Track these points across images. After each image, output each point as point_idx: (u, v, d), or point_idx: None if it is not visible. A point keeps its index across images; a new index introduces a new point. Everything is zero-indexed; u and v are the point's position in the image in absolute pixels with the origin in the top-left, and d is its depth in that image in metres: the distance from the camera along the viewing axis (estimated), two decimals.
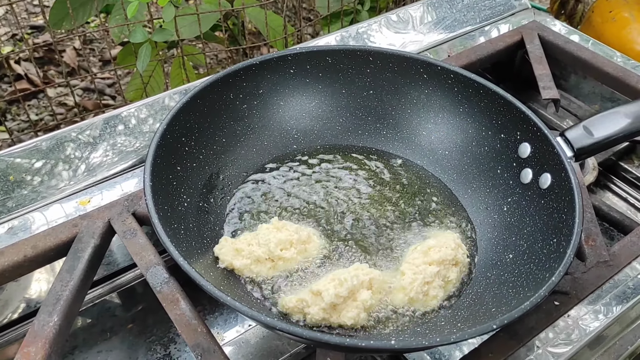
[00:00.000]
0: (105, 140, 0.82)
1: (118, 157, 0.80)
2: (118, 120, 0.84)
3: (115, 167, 0.79)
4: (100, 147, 0.81)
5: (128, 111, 0.84)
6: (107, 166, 0.79)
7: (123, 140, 0.82)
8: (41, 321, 0.57)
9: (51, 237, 0.66)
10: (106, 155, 0.80)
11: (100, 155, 0.81)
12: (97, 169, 0.78)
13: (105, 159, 0.80)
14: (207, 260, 0.61)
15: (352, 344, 0.45)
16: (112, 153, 0.80)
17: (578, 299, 0.63)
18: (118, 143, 0.82)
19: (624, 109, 0.62)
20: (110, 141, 0.81)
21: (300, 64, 0.75)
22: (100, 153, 0.81)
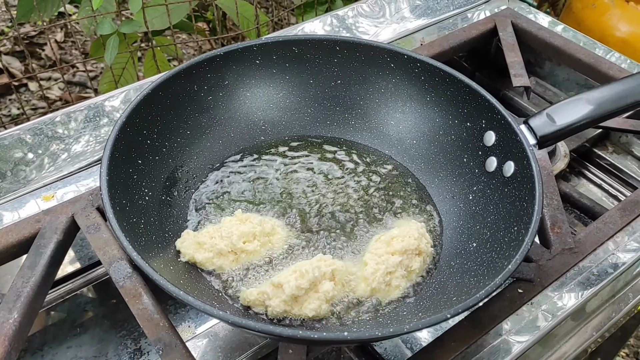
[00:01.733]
0: (72, 133, 0.81)
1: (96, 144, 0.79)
2: (85, 112, 0.83)
3: (91, 156, 0.79)
4: (66, 140, 0.80)
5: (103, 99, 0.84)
6: (81, 155, 0.78)
7: (90, 132, 0.81)
8: (1, 318, 0.57)
9: (13, 233, 0.65)
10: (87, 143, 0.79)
11: (66, 149, 0.80)
12: (61, 164, 0.78)
13: (80, 146, 0.79)
14: (168, 255, 0.61)
15: (305, 336, 0.45)
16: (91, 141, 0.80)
17: (542, 286, 0.63)
18: (84, 135, 0.81)
19: (587, 96, 0.62)
20: (77, 135, 0.80)
21: (266, 55, 0.74)
22: (67, 147, 0.80)
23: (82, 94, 2.16)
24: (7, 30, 2.36)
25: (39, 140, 0.80)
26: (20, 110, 2.11)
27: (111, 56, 0.90)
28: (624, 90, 0.61)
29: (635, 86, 0.62)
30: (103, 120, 0.83)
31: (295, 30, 0.99)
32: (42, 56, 2.28)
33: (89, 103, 0.84)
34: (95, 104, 0.84)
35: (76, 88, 2.17)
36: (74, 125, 0.81)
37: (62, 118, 0.82)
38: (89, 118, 0.83)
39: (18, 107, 2.12)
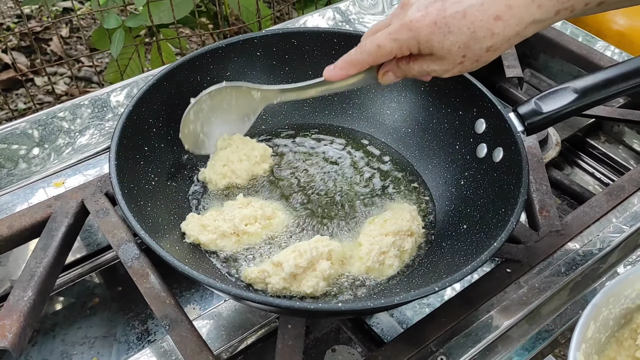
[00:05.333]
0: (85, 121, 0.84)
1: (100, 137, 0.82)
2: (97, 101, 0.87)
3: (94, 147, 0.82)
4: (80, 128, 0.84)
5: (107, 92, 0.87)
6: (85, 147, 0.81)
7: (101, 122, 0.85)
8: (16, 296, 0.60)
9: (26, 217, 0.68)
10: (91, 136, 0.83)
11: (79, 136, 0.83)
12: (76, 149, 0.81)
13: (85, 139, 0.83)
14: (173, 236, 0.64)
15: (301, 306, 0.48)
16: (95, 134, 0.83)
17: (530, 266, 0.66)
18: (97, 124, 0.84)
19: (573, 84, 0.65)
20: (90, 122, 0.84)
21: (266, 47, 0.77)
22: (80, 133, 0.83)
23: (87, 88, 2.19)
24: (13, 26, 2.39)
25: (47, 131, 0.83)
26: (27, 104, 2.15)
27: (117, 49, 0.93)
28: (608, 78, 0.64)
29: (620, 74, 0.64)
30: (108, 115, 0.86)
31: (297, 24, 1.02)
32: (48, 51, 2.31)
33: (94, 95, 0.87)
34: (101, 96, 0.87)
35: (82, 83, 2.21)
36: (79, 117, 0.85)
37: (68, 111, 0.85)
38: (94, 112, 0.86)
39: (25, 101, 2.15)
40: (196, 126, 0.68)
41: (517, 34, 0.53)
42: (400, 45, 0.56)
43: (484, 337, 0.61)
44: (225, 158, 0.71)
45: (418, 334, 0.59)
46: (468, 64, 0.56)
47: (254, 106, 0.68)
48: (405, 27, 0.54)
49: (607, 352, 0.55)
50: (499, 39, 0.53)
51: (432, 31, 0.53)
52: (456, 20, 0.52)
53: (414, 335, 0.59)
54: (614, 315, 0.55)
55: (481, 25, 0.52)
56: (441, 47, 0.54)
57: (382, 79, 0.62)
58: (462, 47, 0.53)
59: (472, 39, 0.53)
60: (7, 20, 2.42)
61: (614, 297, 0.54)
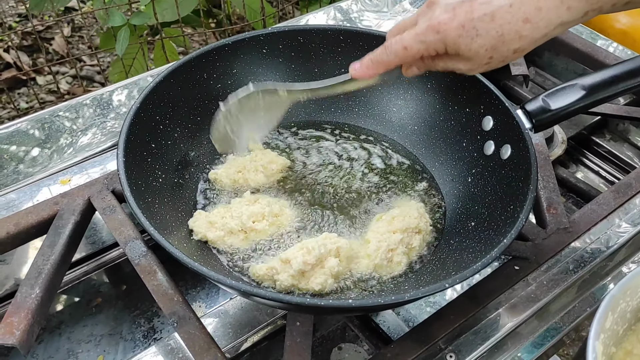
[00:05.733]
0: (87, 120, 0.84)
1: (102, 136, 0.82)
2: (99, 100, 0.86)
3: (96, 147, 0.82)
4: (82, 127, 0.84)
5: (110, 91, 0.87)
6: (87, 146, 0.81)
7: (105, 120, 0.85)
8: (23, 293, 0.60)
9: (33, 214, 0.68)
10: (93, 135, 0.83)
11: (81, 135, 0.83)
12: (78, 148, 0.81)
13: (87, 138, 0.83)
14: (181, 233, 0.64)
15: (312, 303, 0.48)
16: (97, 133, 0.83)
17: (538, 264, 0.66)
18: (99, 122, 0.84)
19: (581, 81, 0.65)
20: (93, 121, 0.84)
21: (272, 44, 0.77)
22: (82, 132, 0.83)
23: (89, 87, 2.19)
24: (15, 25, 2.39)
25: (50, 130, 0.83)
26: (29, 103, 2.14)
27: (122, 47, 0.93)
28: (616, 75, 0.64)
29: (627, 71, 0.64)
30: (110, 114, 0.86)
31: (301, 22, 1.02)
32: (50, 50, 2.31)
33: (96, 94, 0.87)
34: (103, 95, 0.87)
35: (84, 82, 2.20)
36: (81, 116, 0.85)
37: (70, 110, 0.85)
38: (96, 111, 0.86)
39: (27, 100, 2.15)
40: (226, 129, 0.69)
41: (545, 36, 0.53)
42: (427, 46, 0.55)
43: (492, 334, 0.61)
44: (242, 166, 0.71)
45: (426, 332, 0.59)
46: (494, 64, 0.55)
47: (281, 104, 0.68)
48: (433, 29, 0.54)
49: (624, 345, 0.55)
50: (527, 41, 0.53)
51: (459, 34, 0.53)
52: (484, 23, 0.52)
53: (423, 333, 0.59)
54: (631, 308, 0.55)
55: (510, 28, 0.52)
56: (468, 50, 0.53)
57: (406, 73, 0.62)
58: (489, 50, 0.53)
59: (500, 41, 0.52)
60: (9, 19, 2.42)
61: (631, 290, 0.54)
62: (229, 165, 0.71)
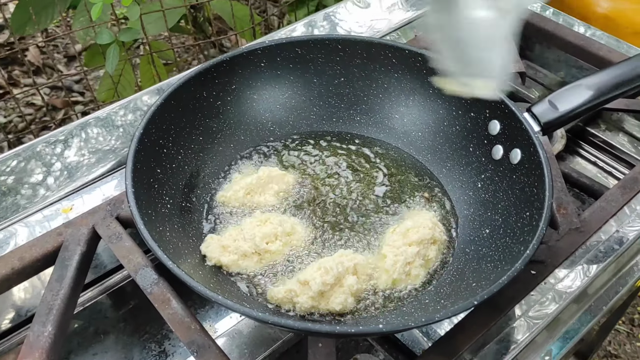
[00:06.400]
0: (83, 144, 0.82)
1: (96, 160, 0.80)
2: (94, 123, 0.84)
3: (94, 170, 0.80)
4: (79, 152, 0.81)
5: (102, 112, 0.85)
6: (86, 169, 0.79)
7: (101, 142, 0.82)
8: (36, 332, 0.58)
9: (37, 247, 0.66)
10: (84, 157, 0.81)
11: (79, 160, 0.81)
12: (76, 174, 0.79)
13: (84, 161, 0.80)
14: (194, 260, 0.63)
15: (342, 331, 0.47)
16: (89, 155, 0.81)
17: (554, 266, 0.66)
18: (96, 146, 0.82)
19: (586, 82, 0.65)
20: (88, 145, 0.82)
21: (270, 57, 0.76)
22: (79, 158, 0.81)
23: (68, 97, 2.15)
24: None
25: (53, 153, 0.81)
26: (7, 118, 2.10)
27: (112, 65, 0.91)
28: (622, 74, 0.64)
29: (632, 69, 0.64)
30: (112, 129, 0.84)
31: (291, 30, 1.00)
32: (25, 62, 2.26)
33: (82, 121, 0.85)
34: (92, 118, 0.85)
35: (62, 92, 2.16)
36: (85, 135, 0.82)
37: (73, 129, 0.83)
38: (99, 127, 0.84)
39: (4, 115, 2.10)
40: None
41: None
42: None
43: (515, 341, 0.61)
44: (250, 187, 0.70)
45: (450, 345, 0.59)
46: None
47: None
48: None
49: None
50: None
51: None
52: None
53: (447, 346, 0.58)
54: None
55: None
56: None
57: None
58: None
59: None
60: None
61: None
62: (236, 187, 0.70)
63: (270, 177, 0.71)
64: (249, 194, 0.70)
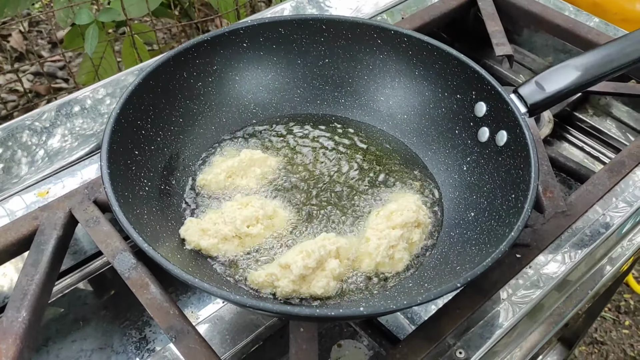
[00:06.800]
0: (63, 126, 0.80)
1: (77, 142, 0.78)
2: (74, 105, 0.82)
3: (74, 153, 0.78)
4: (58, 134, 0.80)
5: (83, 95, 0.83)
6: (67, 152, 0.77)
7: (81, 125, 0.80)
8: (9, 317, 0.57)
9: (12, 231, 0.65)
10: (65, 142, 0.79)
11: (58, 142, 0.79)
12: (55, 157, 0.77)
13: (64, 145, 0.79)
14: (173, 243, 0.61)
15: (322, 314, 0.46)
16: (71, 139, 0.79)
17: (539, 250, 0.65)
18: (76, 128, 0.80)
19: (574, 62, 0.64)
20: (68, 127, 0.80)
21: (252, 37, 0.74)
22: (58, 140, 0.79)
23: (52, 84, 2.11)
24: None
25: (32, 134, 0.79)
26: None
27: (91, 46, 0.88)
28: (609, 54, 0.63)
29: (620, 50, 0.63)
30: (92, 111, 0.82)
31: (278, 9, 0.98)
32: (8, 48, 2.22)
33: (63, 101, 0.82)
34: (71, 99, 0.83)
35: (46, 79, 2.12)
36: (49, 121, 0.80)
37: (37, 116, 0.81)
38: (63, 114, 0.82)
39: None
40: None
41: None
42: None
43: (500, 326, 0.60)
44: (231, 170, 0.68)
45: (434, 329, 0.58)
46: None
47: None
48: None
49: None
50: None
51: None
52: None
53: (431, 330, 0.58)
54: None
55: None
56: None
57: None
58: None
59: None
60: None
61: None
62: (217, 170, 0.68)
63: (252, 160, 0.70)
64: (230, 177, 0.68)
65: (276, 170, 0.71)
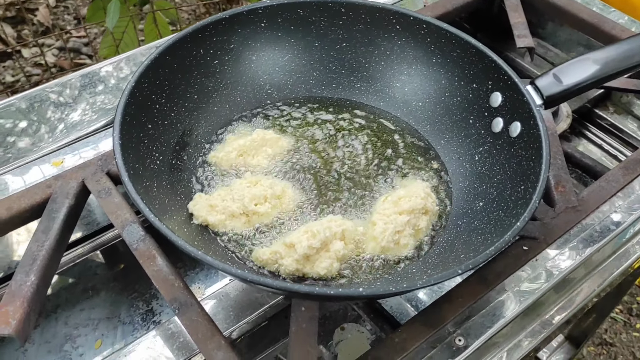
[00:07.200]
0: (82, 98, 0.81)
1: (96, 115, 0.79)
2: (93, 78, 0.83)
3: (91, 125, 0.79)
4: (77, 106, 0.81)
5: (103, 68, 0.84)
6: (84, 125, 0.79)
7: (100, 99, 0.81)
8: (18, 281, 0.58)
9: (25, 198, 0.66)
10: (84, 114, 0.80)
11: (77, 115, 0.80)
12: (71, 128, 0.78)
13: (83, 117, 0.80)
14: (181, 217, 0.62)
15: (321, 292, 0.47)
16: (90, 111, 0.80)
17: (547, 244, 0.64)
18: (95, 101, 0.81)
19: (594, 56, 0.63)
20: (88, 99, 0.81)
21: (271, 17, 0.74)
22: (78, 112, 0.80)
23: (76, 59, 2.14)
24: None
25: (50, 105, 0.80)
26: (14, 77, 2.09)
27: (113, 21, 0.89)
28: (630, 49, 0.62)
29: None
30: (110, 85, 0.83)
31: None
32: (35, 22, 2.24)
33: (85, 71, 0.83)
34: (91, 71, 0.84)
35: (70, 54, 2.15)
36: (70, 93, 0.81)
37: (58, 87, 0.82)
38: (84, 86, 0.83)
39: (12, 74, 2.10)
40: None
41: None
42: None
43: (501, 317, 0.60)
44: (243, 149, 0.69)
45: (435, 315, 0.58)
46: None
47: None
48: None
49: None
50: None
51: None
52: None
53: (431, 316, 0.58)
54: None
55: None
56: None
57: None
58: None
59: None
60: None
61: None
62: (229, 148, 0.69)
63: (264, 140, 0.70)
64: (242, 156, 0.69)
65: (287, 151, 0.71)
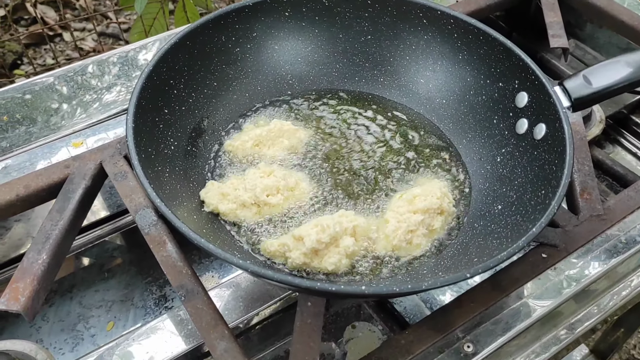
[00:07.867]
0: (103, 81, 0.82)
1: (127, 94, 0.80)
2: (116, 60, 0.84)
3: (112, 108, 0.80)
4: (99, 89, 0.81)
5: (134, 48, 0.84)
6: (112, 104, 0.79)
7: (122, 82, 0.82)
8: (30, 258, 0.59)
9: (43, 177, 0.66)
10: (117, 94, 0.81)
11: (97, 98, 0.81)
12: (92, 111, 0.79)
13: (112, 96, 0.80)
14: (192, 204, 0.62)
15: (322, 287, 0.45)
16: (122, 91, 0.80)
17: (567, 252, 0.62)
18: (116, 84, 0.82)
19: (626, 58, 0.60)
20: (109, 82, 0.81)
21: (295, 7, 0.73)
22: (98, 95, 0.81)
23: (114, 45, 2.17)
24: None
25: (71, 87, 0.81)
26: (54, 60, 2.13)
27: (142, 5, 0.90)
28: None
29: None
30: (135, 73, 0.83)
31: None
32: (77, 6, 2.29)
33: (120, 50, 0.84)
34: (127, 54, 0.84)
35: (109, 40, 2.18)
36: (106, 73, 0.82)
37: (94, 67, 0.83)
38: (122, 69, 0.83)
39: (53, 57, 2.14)
40: None
41: None
42: None
43: (514, 325, 0.58)
44: (259, 139, 0.68)
45: (444, 319, 0.56)
46: None
47: None
48: None
49: None
50: None
51: None
52: None
53: (440, 320, 0.56)
54: None
55: None
56: None
57: None
58: None
59: None
60: None
61: None
62: (245, 137, 0.68)
63: (282, 130, 0.69)
64: (258, 146, 0.68)
65: (304, 143, 0.70)
